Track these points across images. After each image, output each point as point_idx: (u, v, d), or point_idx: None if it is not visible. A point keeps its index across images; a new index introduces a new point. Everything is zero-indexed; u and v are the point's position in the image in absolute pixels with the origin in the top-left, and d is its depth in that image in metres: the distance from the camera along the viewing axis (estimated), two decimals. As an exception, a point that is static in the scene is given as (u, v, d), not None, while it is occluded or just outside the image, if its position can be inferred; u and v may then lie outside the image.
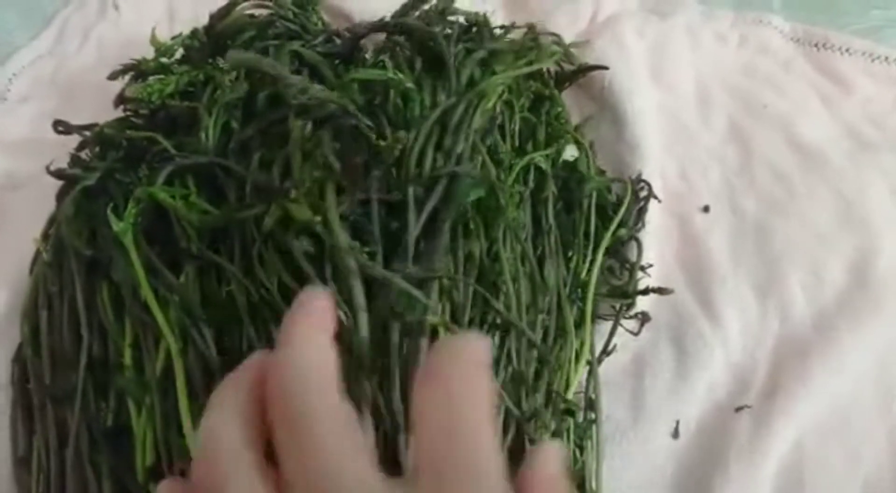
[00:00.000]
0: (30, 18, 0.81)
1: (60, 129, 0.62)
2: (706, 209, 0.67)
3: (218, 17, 0.64)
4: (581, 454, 0.52)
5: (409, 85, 0.54)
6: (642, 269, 0.61)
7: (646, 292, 0.59)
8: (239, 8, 0.66)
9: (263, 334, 0.46)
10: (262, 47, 0.61)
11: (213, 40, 0.63)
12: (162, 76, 0.59)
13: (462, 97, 0.54)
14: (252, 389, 0.33)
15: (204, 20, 0.64)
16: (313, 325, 0.34)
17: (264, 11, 0.66)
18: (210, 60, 0.61)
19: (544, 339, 0.53)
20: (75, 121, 0.70)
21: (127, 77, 0.64)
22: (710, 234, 0.66)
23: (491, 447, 0.30)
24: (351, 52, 0.63)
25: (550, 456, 0.34)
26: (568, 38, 0.74)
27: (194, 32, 0.64)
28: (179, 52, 0.64)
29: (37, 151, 0.71)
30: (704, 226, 0.66)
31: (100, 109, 0.73)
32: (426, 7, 0.66)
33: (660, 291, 0.59)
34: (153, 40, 0.63)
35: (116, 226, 0.49)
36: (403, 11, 0.64)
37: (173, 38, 0.64)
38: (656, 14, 0.78)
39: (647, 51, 0.75)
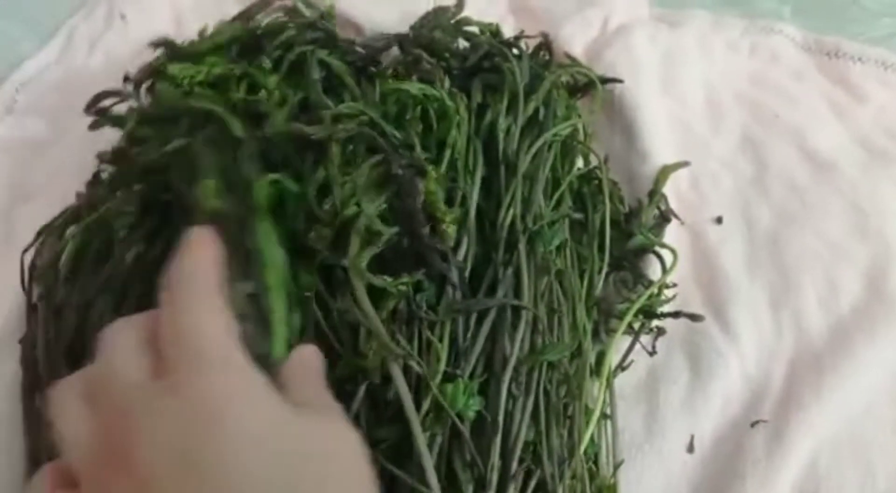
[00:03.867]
0: (36, 28, 0.81)
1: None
2: (719, 221, 0.67)
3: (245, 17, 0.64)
4: (597, 468, 0.52)
5: (449, 102, 0.54)
6: (667, 286, 0.61)
7: (676, 315, 0.59)
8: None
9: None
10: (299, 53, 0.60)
11: (250, 37, 0.62)
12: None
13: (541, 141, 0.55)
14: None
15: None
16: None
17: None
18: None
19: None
20: (82, 128, 0.69)
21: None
22: (724, 245, 0.65)
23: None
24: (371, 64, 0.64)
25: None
26: (578, 47, 0.74)
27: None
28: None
29: (45, 162, 0.71)
30: (718, 237, 0.66)
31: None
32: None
33: (693, 317, 0.59)
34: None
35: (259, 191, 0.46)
36: (422, 24, 0.64)
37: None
38: (667, 23, 0.78)
39: (658, 60, 0.74)
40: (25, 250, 0.56)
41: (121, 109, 0.61)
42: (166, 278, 0.38)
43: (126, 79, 0.61)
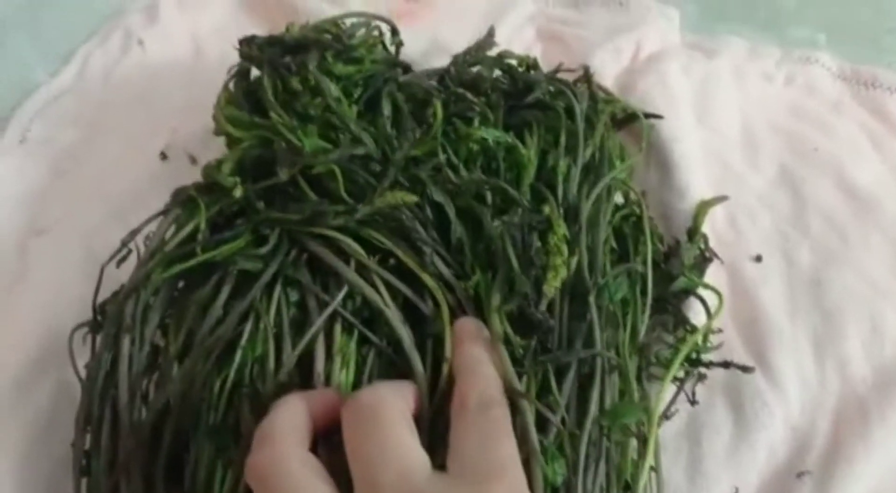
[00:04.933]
0: (50, 54, 0.78)
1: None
2: (758, 259, 0.65)
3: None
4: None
5: (523, 150, 0.53)
6: (712, 332, 0.59)
7: (726, 365, 0.57)
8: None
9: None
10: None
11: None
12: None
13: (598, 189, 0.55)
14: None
15: (232, 56, 0.62)
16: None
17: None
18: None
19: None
20: (99, 161, 0.68)
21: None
22: (764, 285, 0.63)
23: None
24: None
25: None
26: (610, 77, 0.72)
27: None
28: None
29: (60, 194, 0.68)
30: (757, 277, 0.64)
31: (125, 146, 0.71)
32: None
33: (743, 369, 0.57)
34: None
35: None
36: (463, 59, 0.62)
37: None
38: (700, 51, 0.75)
39: (692, 91, 0.72)
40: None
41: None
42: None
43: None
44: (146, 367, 0.50)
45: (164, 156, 0.70)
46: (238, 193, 0.52)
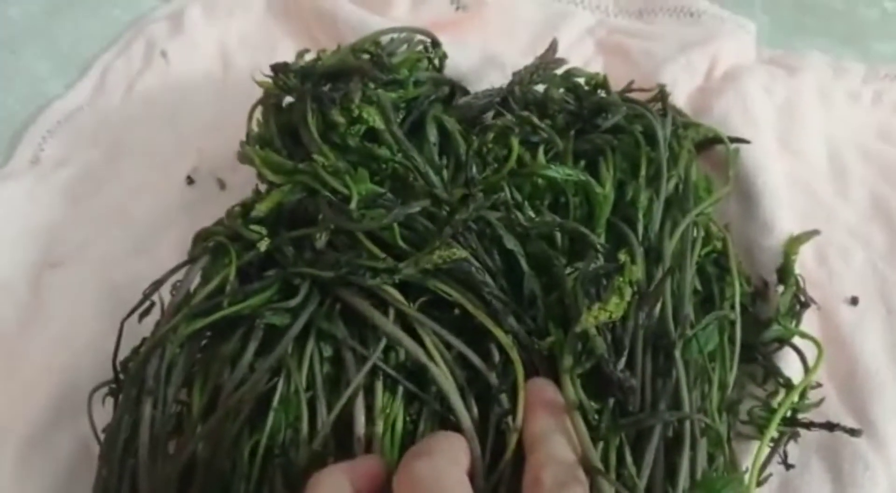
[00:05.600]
0: (65, 65, 0.72)
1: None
2: (854, 301, 0.58)
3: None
4: None
5: (599, 189, 0.46)
6: (812, 387, 0.53)
7: (830, 427, 0.50)
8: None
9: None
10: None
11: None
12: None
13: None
14: None
15: (262, 68, 0.56)
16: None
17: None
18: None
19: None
20: (119, 186, 0.62)
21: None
22: (861, 332, 0.57)
23: None
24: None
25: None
26: (682, 95, 0.65)
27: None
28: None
29: (76, 223, 0.62)
30: (853, 322, 0.57)
31: (149, 168, 0.65)
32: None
33: (851, 432, 0.50)
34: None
35: None
36: (524, 77, 0.55)
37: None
38: (781, 67, 0.68)
39: (775, 113, 0.65)
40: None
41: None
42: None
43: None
44: (170, 431, 0.45)
45: (190, 180, 0.65)
46: (264, 247, 0.47)
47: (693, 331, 0.45)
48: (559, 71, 0.57)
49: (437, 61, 0.60)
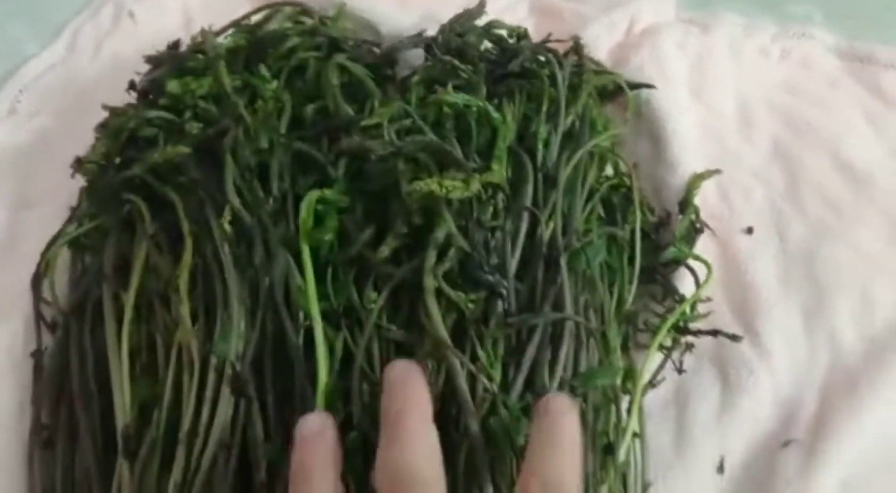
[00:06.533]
0: (40, 28, 0.78)
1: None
2: (750, 231, 0.64)
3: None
4: (625, 488, 0.50)
5: (496, 115, 0.52)
6: (700, 300, 0.59)
7: (714, 334, 0.57)
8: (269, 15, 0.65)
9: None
10: (303, 58, 0.60)
11: (253, 46, 0.61)
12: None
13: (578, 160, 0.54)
14: (333, 464, 0.39)
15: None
16: (419, 410, 0.39)
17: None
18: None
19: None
20: (86, 135, 0.67)
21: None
22: (755, 258, 0.63)
23: None
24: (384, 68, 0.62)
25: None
26: (604, 50, 0.71)
27: (240, 33, 0.63)
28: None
29: (49, 167, 0.68)
30: (749, 250, 0.63)
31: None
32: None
33: (733, 337, 0.57)
34: (204, 35, 0.62)
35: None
36: (450, 27, 0.61)
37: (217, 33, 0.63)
38: (696, 25, 0.75)
39: (687, 66, 0.71)
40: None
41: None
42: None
43: (132, 87, 0.60)
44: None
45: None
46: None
47: (580, 243, 0.51)
48: (482, 23, 0.63)
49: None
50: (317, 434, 0.40)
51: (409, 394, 0.40)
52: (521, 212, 0.49)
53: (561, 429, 0.39)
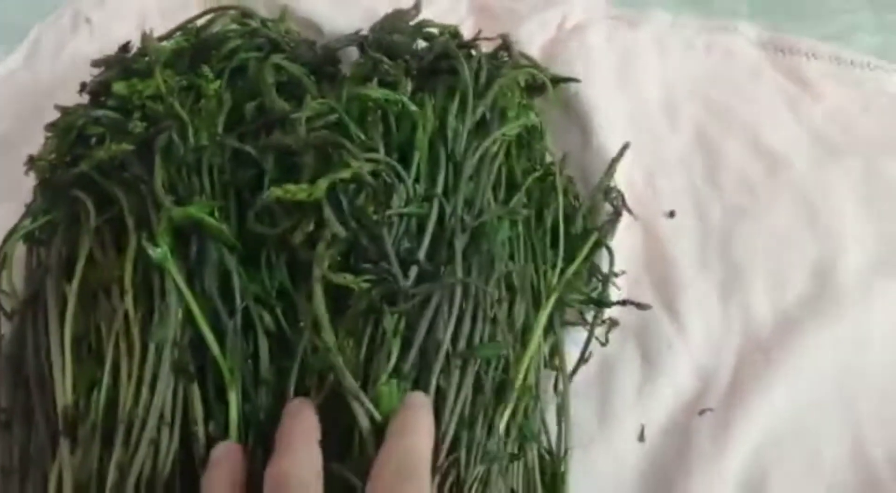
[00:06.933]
0: (9, 36, 0.82)
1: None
2: (671, 215, 0.68)
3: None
4: (551, 458, 0.53)
5: (414, 108, 0.56)
6: (615, 275, 0.62)
7: (624, 303, 0.60)
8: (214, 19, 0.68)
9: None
10: (244, 59, 0.63)
11: (197, 48, 0.64)
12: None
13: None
14: (235, 482, 0.43)
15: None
16: (306, 434, 0.43)
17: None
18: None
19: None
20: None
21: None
22: (676, 239, 0.67)
23: None
24: (325, 66, 0.65)
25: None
26: (536, 46, 0.75)
27: (186, 35, 0.66)
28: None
29: (8, 167, 0.71)
30: (670, 232, 0.67)
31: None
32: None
33: (639, 305, 0.61)
34: (145, 39, 0.65)
35: (155, 253, 0.49)
36: (381, 26, 0.65)
37: (160, 38, 0.66)
38: (624, 21, 0.79)
39: (614, 59, 0.75)
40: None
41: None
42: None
43: (83, 89, 0.62)
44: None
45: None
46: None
47: (478, 220, 0.54)
48: (413, 22, 0.67)
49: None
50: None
51: (299, 423, 0.44)
52: (432, 199, 0.52)
53: (414, 423, 0.44)
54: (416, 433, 0.43)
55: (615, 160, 0.66)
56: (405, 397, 0.45)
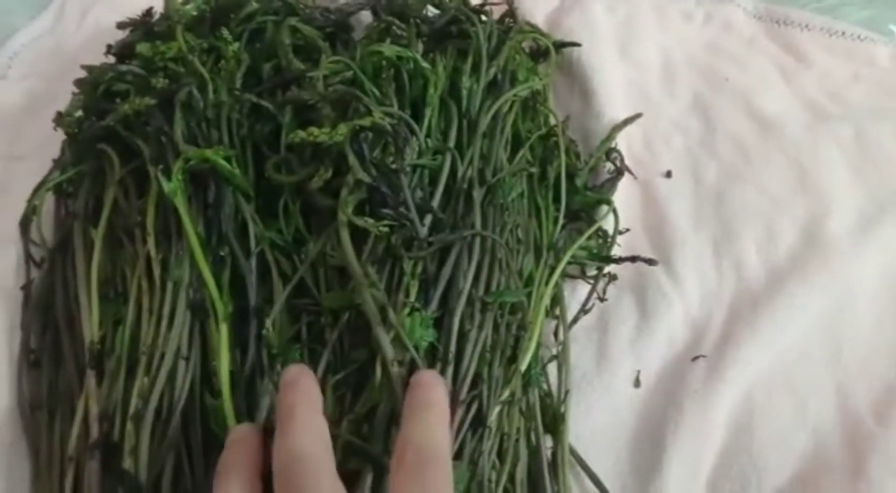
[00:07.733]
0: (31, 2, 0.85)
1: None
2: (668, 175, 0.71)
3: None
4: (551, 400, 0.56)
5: (426, 65, 0.58)
6: (619, 233, 0.65)
7: (633, 259, 0.63)
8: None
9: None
10: (262, 22, 0.67)
11: (216, 13, 0.67)
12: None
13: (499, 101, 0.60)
14: (251, 464, 0.41)
15: (196, -2, 0.69)
16: (308, 403, 0.42)
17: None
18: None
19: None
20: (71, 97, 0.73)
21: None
22: (672, 199, 0.70)
23: None
24: (339, 32, 0.68)
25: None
26: (540, 16, 0.78)
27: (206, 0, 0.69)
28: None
29: (37, 125, 0.75)
30: (666, 191, 0.70)
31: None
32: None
33: (649, 261, 0.63)
34: (168, 2, 0.68)
35: (166, 186, 0.51)
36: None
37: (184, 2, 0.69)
38: (625, -7, 0.82)
39: (615, 28, 0.78)
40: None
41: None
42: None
43: (108, 51, 0.66)
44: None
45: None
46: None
47: (494, 179, 0.57)
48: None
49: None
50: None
51: (300, 391, 0.43)
52: (445, 152, 0.56)
53: (429, 400, 0.43)
54: (432, 411, 0.42)
55: (621, 125, 0.69)
56: (417, 376, 0.45)
